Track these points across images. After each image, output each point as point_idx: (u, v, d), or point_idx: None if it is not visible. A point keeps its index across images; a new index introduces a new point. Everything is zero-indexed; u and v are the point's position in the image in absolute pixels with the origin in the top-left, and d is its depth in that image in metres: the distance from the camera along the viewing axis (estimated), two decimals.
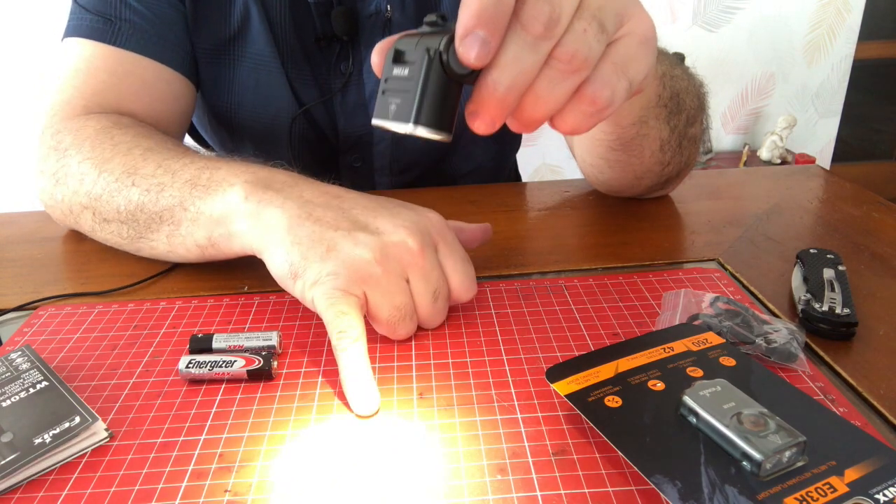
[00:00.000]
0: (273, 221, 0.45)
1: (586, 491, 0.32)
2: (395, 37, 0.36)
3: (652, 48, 0.37)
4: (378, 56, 0.36)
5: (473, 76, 0.33)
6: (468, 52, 0.31)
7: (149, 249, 0.55)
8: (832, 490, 0.29)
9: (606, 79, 0.34)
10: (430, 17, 0.34)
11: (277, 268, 0.45)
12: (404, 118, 0.33)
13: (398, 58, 0.35)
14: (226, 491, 0.33)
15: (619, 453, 0.32)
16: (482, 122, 0.34)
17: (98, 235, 0.58)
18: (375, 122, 0.36)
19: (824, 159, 2.47)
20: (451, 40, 0.32)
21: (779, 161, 2.23)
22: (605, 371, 0.37)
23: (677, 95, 0.56)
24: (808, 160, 2.20)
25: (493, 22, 0.31)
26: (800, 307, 0.46)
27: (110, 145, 0.57)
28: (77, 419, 0.36)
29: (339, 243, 0.43)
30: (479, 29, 0.31)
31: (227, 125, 0.74)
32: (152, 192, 0.52)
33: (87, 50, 0.64)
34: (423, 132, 0.33)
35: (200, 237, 0.50)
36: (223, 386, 0.41)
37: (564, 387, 0.37)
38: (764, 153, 2.25)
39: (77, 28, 0.65)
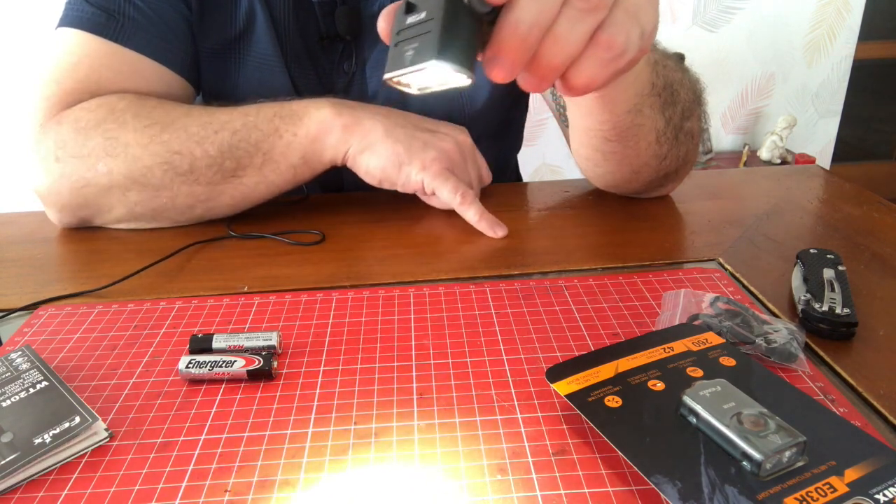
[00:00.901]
0: (372, 128, 0.60)
1: (586, 491, 0.32)
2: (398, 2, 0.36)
3: (655, 3, 0.39)
4: (385, 20, 0.36)
5: (493, 15, 0.33)
6: None
7: (232, 191, 0.61)
8: (832, 490, 0.29)
9: (621, 24, 0.36)
10: None
11: (384, 160, 0.60)
12: (425, 55, 0.32)
13: (410, 9, 0.34)
14: (226, 491, 0.33)
15: (619, 453, 0.32)
16: (501, 68, 0.34)
17: (163, 195, 0.61)
18: (388, 75, 0.34)
19: (824, 159, 2.47)
20: None
21: (779, 161, 2.23)
22: (605, 371, 0.37)
23: (671, 86, 0.56)
24: (808, 160, 2.20)
25: None
26: (800, 307, 0.46)
27: (159, 110, 0.61)
28: (77, 419, 0.36)
29: (429, 140, 0.62)
30: None
31: None
32: (241, 132, 0.60)
33: (89, 44, 0.63)
34: (445, 67, 0.32)
35: (295, 158, 0.61)
36: (223, 386, 0.41)
37: (564, 387, 0.37)
38: (764, 153, 2.25)
39: (77, 19, 0.64)
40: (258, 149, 0.60)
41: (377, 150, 0.60)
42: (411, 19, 0.34)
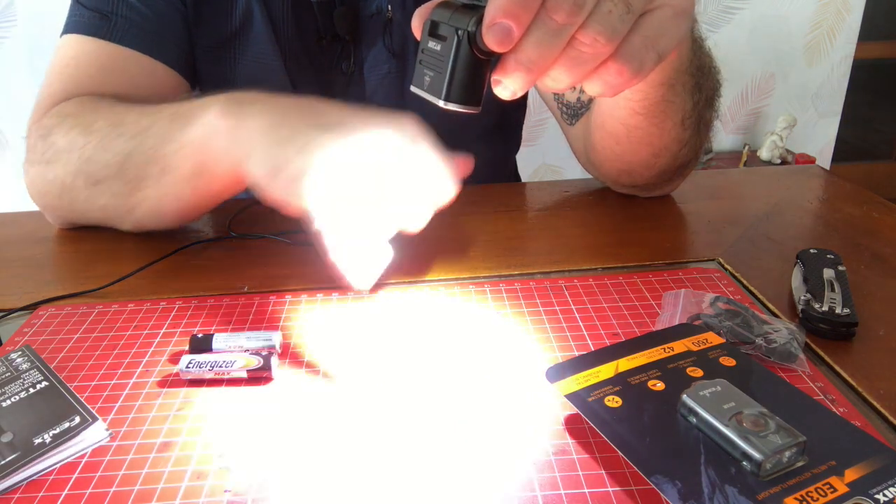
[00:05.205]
0: (252, 128, 0.48)
1: (586, 491, 0.32)
2: (433, 3, 0.38)
3: (686, 19, 0.38)
4: (418, 20, 0.38)
5: (498, 55, 0.35)
6: (492, 39, 0.33)
7: (143, 205, 0.56)
8: (832, 490, 0.29)
9: (635, 51, 0.35)
10: None
11: (258, 167, 0.46)
12: (436, 94, 0.36)
13: (433, 30, 0.37)
14: (226, 491, 0.33)
15: (619, 453, 0.32)
16: (504, 91, 0.36)
17: (94, 206, 0.58)
18: (413, 88, 0.39)
19: (824, 159, 2.47)
20: (481, 20, 0.34)
21: (779, 161, 2.23)
22: (605, 371, 0.37)
23: (702, 69, 0.55)
24: (808, 160, 2.20)
25: (520, 16, 0.32)
26: (800, 307, 0.46)
27: (91, 112, 0.59)
28: (77, 419, 0.36)
29: (318, 141, 0.45)
30: (504, 20, 0.32)
31: None
32: (138, 136, 0.53)
33: (82, 46, 0.64)
34: (453, 107, 0.36)
35: (187, 168, 0.52)
36: (223, 386, 0.41)
37: (564, 387, 0.37)
38: (764, 153, 2.25)
39: (75, 25, 0.65)
40: (150, 160, 0.52)
41: (253, 156, 0.47)
42: (432, 44, 0.37)
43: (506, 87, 0.35)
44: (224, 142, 0.49)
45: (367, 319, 0.47)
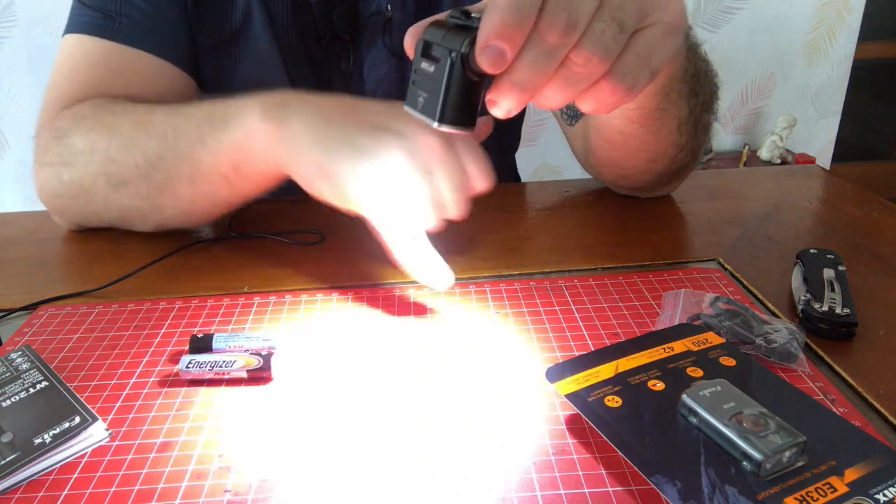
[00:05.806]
0: (296, 131, 0.48)
1: (586, 491, 0.32)
2: (425, 22, 0.38)
3: (679, 35, 0.38)
4: (410, 39, 0.38)
5: (491, 77, 0.35)
6: (485, 62, 0.33)
7: (172, 204, 0.56)
8: (832, 490, 0.29)
9: (628, 70, 0.35)
10: (455, 12, 0.36)
11: (306, 169, 0.47)
12: (430, 115, 0.36)
13: (426, 51, 0.37)
14: (226, 491, 0.33)
15: (619, 453, 0.32)
16: (499, 111, 0.36)
17: (113, 207, 0.58)
18: (406, 108, 0.39)
19: (824, 159, 2.47)
20: (474, 42, 0.34)
21: (779, 161, 2.23)
22: (605, 371, 0.37)
23: (698, 75, 0.55)
24: (808, 160, 2.20)
25: (513, 37, 0.32)
26: (800, 307, 0.46)
27: (110, 114, 0.58)
28: (77, 419, 0.36)
29: (366, 145, 0.45)
30: (497, 42, 0.32)
31: None
32: (169, 138, 0.54)
33: (85, 45, 0.64)
34: (446, 129, 0.36)
35: (225, 167, 0.52)
36: (223, 386, 0.41)
37: (564, 387, 0.37)
38: (764, 153, 2.25)
39: (77, 24, 0.65)
40: (183, 159, 0.53)
41: (299, 159, 0.48)
42: (424, 65, 0.37)
43: (500, 107, 0.35)
44: (266, 143, 0.49)
45: (367, 319, 0.47)
